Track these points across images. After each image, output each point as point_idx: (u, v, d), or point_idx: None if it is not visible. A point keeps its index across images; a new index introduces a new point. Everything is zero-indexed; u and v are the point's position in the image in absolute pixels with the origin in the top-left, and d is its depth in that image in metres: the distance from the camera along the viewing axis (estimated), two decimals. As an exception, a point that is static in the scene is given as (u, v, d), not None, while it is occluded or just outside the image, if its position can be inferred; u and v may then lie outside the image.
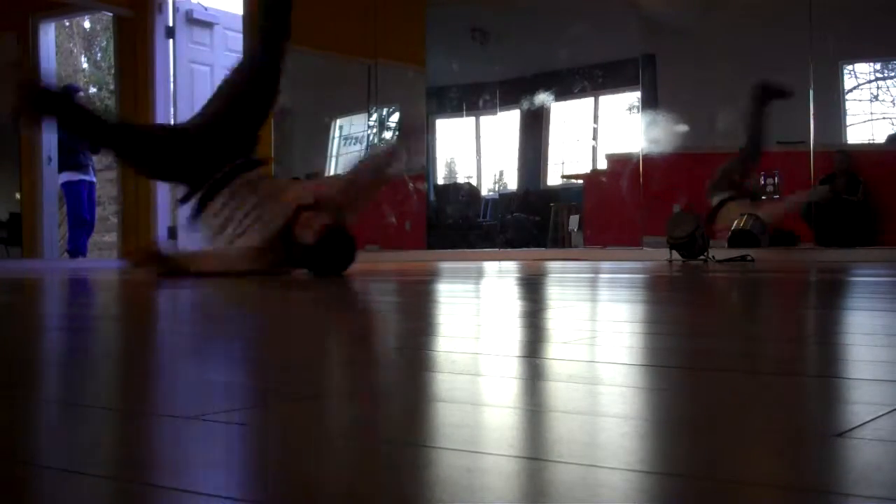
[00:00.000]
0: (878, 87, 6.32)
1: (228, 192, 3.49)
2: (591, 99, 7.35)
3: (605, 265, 5.05)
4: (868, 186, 6.11)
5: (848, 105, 6.33)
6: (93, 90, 12.52)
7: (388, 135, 8.31)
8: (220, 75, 8.04)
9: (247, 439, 0.61)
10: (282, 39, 3.70)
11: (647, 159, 6.73)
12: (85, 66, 13.19)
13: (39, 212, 7.78)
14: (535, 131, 7.63)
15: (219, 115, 3.64)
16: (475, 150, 7.94)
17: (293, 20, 4.02)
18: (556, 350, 1.08)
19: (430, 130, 8.03)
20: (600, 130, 7.39)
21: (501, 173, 7.80)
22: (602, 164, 7.34)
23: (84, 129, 3.68)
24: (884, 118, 6.30)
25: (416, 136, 3.83)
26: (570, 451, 0.53)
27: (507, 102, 7.56)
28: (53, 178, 7.82)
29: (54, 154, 7.73)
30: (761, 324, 1.49)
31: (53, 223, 7.97)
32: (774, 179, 6.33)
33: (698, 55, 6.67)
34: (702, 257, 5.34)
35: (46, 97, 3.51)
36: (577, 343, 1.11)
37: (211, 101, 3.77)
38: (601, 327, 1.40)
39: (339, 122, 8.38)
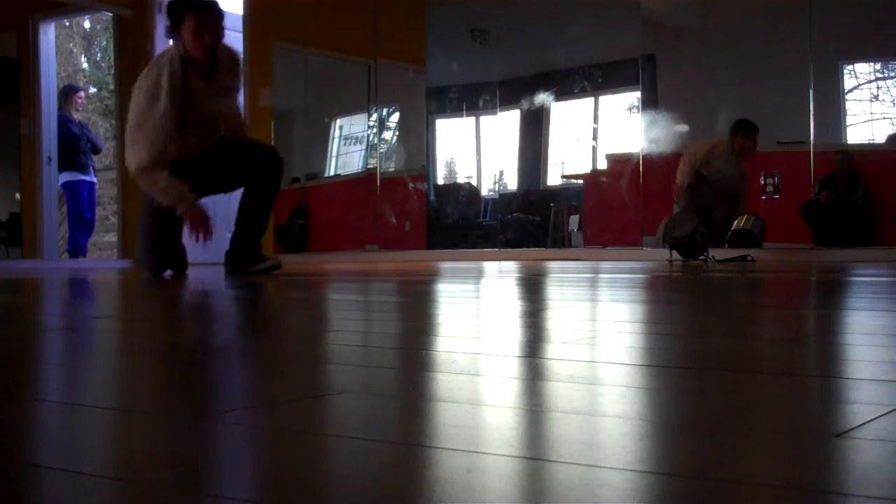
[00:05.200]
0: (878, 87, 6.32)
1: None
2: (591, 99, 7.35)
3: (605, 265, 5.05)
4: (868, 186, 6.11)
5: (848, 105, 6.33)
6: (93, 90, 12.52)
7: (388, 135, 8.31)
8: (220, 75, 8.06)
9: (247, 439, 0.61)
10: None
11: (647, 159, 6.73)
12: (85, 66, 13.19)
13: (39, 212, 7.78)
14: (535, 131, 7.63)
15: None
16: (475, 150, 7.94)
17: (291, 20, 4.09)
18: (556, 350, 1.08)
19: (430, 130, 8.03)
20: (600, 130, 7.39)
21: (501, 173, 7.81)
22: (602, 164, 7.34)
23: None
24: (884, 118, 6.30)
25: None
26: (570, 451, 0.53)
27: (507, 102, 7.56)
28: (53, 178, 7.82)
29: (54, 154, 7.73)
30: (761, 324, 1.49)
31: (53, 223, 7.98)
32: (774, 179, 6.33)
33: (698, 55, 6.67)
34: (702, 257, 5.35)
35: None
36: (577, 343, 1.11)
37: None
38: (601, 327, 1.40)
39: (339, 122, 8.38)
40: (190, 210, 3.67)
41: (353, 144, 8.33)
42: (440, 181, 8.15)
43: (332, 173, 8.48)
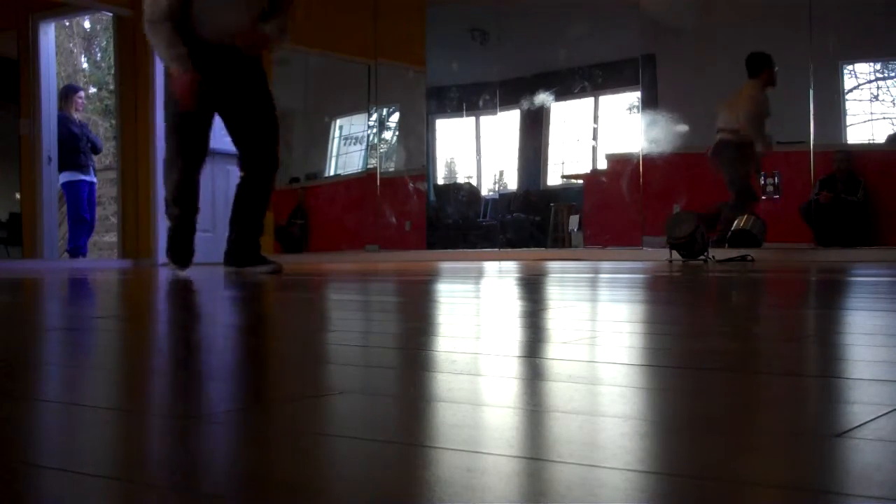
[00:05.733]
0: (878, 87, 6.32)
1: None
2: (591, 99, 7.35)
3: (605, 265, 5.05)
4: (868, 186, 6.11)
5: (848, 105, 6.33)
6: (93, 90, 12.52)
7: (388, 135, 8.31)
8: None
9: (246, 439, 0.61)
10: None
11: (647, 159, 6.73)
12: (85, 66, 13.20)
13: (39, 212, 7.78)
14: (535, 131, 7.63)
15: None
16: (475, 150, 7.94)
17: (293, 21, 4.08)
18: (556, 350, 1.08)
19: (430, 130, 8.03)
20: (600, 130, 7.39)
21: (501, 173, 7.80)
22: (602, 164, 7.34)
23: None
24: (884, 118, 6.30)
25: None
26: (570, 451, 0.53)
27: (507, 102, 7.56)
28: (53, 178, 7.82)
29: (54, 154, 7.73)
30: (761, 324, 1.49)
31: (53, 223, 7.98)
32: (774, 179, 6.33)
33: (698, 55, 6.67)
34: (702, 257, 5.35)
35: None
36: (577, 343, 1.11)
37: None
38: (601, 327, 1.40)
39: (339, 122, 8.38)
40: (181, 71, 3.71)
41: (353, 144, 8.33)
42: (440, 181, 8.14)
43: (332, 173, 8.48)
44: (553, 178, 7.70)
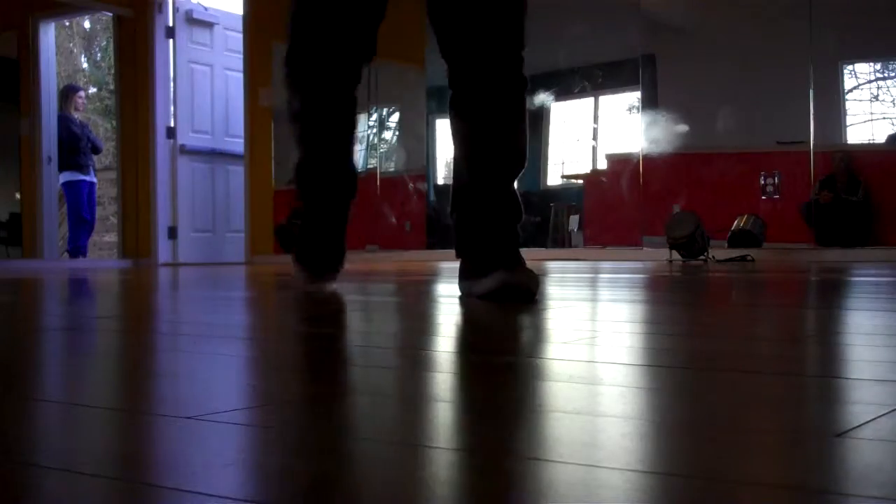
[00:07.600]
0: (878, 87, 6.32)
1: None
2: (591, 99, 7.35)
3: (605, 265, 5.05)
4: (868, 186, 6.11)
5: (848, 105, 6.33)
6: (93, 90, 12.52)
7: (388, 134, 8.31)
8: (221, 75, 8.08)
9: (247, 439, 0.61)
10: None
11: (647, 159, 6.73)
12: (85, 66, 13.20)
13: (39, 212, 7.78)
14: (535, 131, 7.63)
15: None
16: (475, 150, 7.93)
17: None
18: (556, 350, 1.08)
19: (430, 130, 8.03)
20: (600, 130, 7.39)
21: (501, 173, 7.80)
22: (602, 164, 7.34)
23: None
24: (884, 118, 6.30)
25: None
26: (570, 451, 0.53)
27: (507, 102, 7.56)
28: (53, 178, 7.82)
29: (54, 154, 7.74)
30: (761, 324, 1.49)
31: (53, 223, 7.98)
32: (774, 179, 6.33)
33: (698, 55, 6.67)
34: (702, 257, 5.35)
35: None
36: (577, 343, 1.11)
37: None
38: (601, 327, 1.40)
39: (339, 122, 8.37)
40: None
41: (352, 144, 8.32)
42: (440, 181, 8.14)
43: (332, 173, 8.47)
44: (553, 178, 7.70)
